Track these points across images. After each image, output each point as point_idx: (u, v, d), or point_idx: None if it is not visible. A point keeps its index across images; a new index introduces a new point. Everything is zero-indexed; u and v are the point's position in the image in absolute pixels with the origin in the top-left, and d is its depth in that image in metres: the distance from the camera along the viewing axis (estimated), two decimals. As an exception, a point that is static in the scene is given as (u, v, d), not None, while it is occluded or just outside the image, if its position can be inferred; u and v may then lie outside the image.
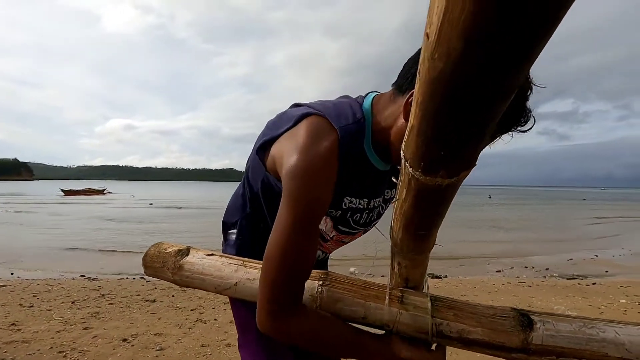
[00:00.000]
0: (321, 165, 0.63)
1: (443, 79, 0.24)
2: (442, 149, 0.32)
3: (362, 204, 0.79)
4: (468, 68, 0.22)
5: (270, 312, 0.64)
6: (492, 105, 0.26)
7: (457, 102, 0.26)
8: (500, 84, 0.23)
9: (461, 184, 0.42)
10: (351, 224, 0.81)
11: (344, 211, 0.77)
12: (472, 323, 0.66)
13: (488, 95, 0.24)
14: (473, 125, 0.28)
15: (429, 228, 0.50)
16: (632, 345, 0.59)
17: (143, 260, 0.89)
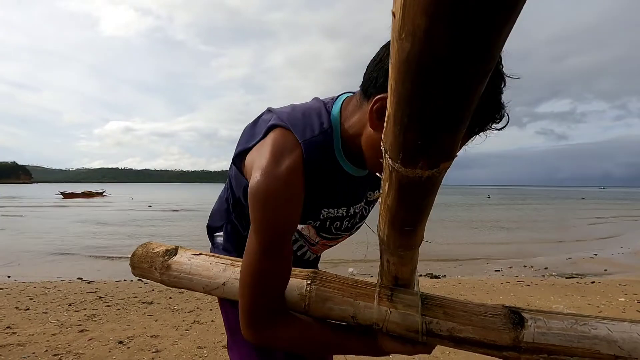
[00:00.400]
0: (283, 188, 0.62)
1: (412, 60, 0.23)
2: (419, 138, 0.31)
3: (341, 212, 0.78)
4: (435, 47, 0.21)
5: (250, 326, 0.67)
6: (466, 88, 0.25)
7: (428, 85, 0.25)
8: (470, 65, 0.22)
9: (443, 178, 0.41)
10: (332, 231, 0.81)
11: (322, 221, 0.77)
12: (463, 321, 0.64)
13: (459, 78, 0.23)
14: (448, 111, 0.27)
15: (414, 223, 0.49)
16: (624, 342, 0.58)
17: (130, 260, 0.87)
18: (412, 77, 0.25)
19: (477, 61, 0.22)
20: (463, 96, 0.26)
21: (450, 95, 0.25)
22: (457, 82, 0.24)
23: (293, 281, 0.73)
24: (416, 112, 0.28)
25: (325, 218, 0.76)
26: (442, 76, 0.23)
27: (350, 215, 0.80)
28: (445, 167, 0.36)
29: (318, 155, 0.66)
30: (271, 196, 0.61)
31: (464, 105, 0.27)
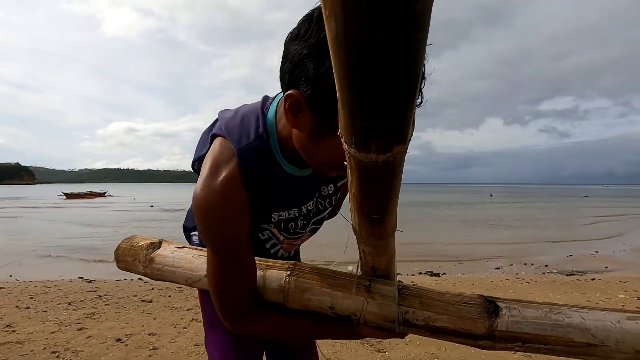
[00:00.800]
0: (221, 201, 0.62)
1: (340, 39, 0.24)
2: (366, 120, 0.31)
3: (293, 213, 0.77)
4: (355, 22, 0.21)
5: (226, 321, 0.71)
6: (398, 66, 0.25)
7: (360, 63, 0.25)
8: (394, 41, 0.23)
9: (402, 164, 0.41)
10: (290, 231, 0.80)
11: (276, 224, 0.76)
12: (439, 310, 0.65)
13: (388, 55, 0.24)
14: (387, 89, 0.27)
15: (381, 211, 0.49)
16: (597, 330, 0.59)
17: (115, 254, 0.88)
18: (344, 56, 0.25)
19: (405, 31, 0.22)
20: (397, 73, 0.26)
21: (384, 72, 0.26)
22: (386, 59, 0.24)
23: (273, 273, 0.74)
24: (356, 93, 0.29)
25: (278, 221, 0.76)
26: (371, 54, 0.24)
27: (304, 215, 0.78)
28: (399, 151, 0.36)
29: (254, 162, 0.65)
30: (210, 209, 0.62)
31: (402, 82, 0.27)
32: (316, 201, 0.80)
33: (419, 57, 0.26)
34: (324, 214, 0.85)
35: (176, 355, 2.51)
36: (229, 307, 0.70)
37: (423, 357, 2.48)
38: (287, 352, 0.99)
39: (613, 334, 0.58)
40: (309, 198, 0.77)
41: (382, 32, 0.22)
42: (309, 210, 0.79)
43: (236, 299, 0.70)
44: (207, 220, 0.63)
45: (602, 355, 0.58)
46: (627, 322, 0.59)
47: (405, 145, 0.36)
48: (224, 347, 0.85)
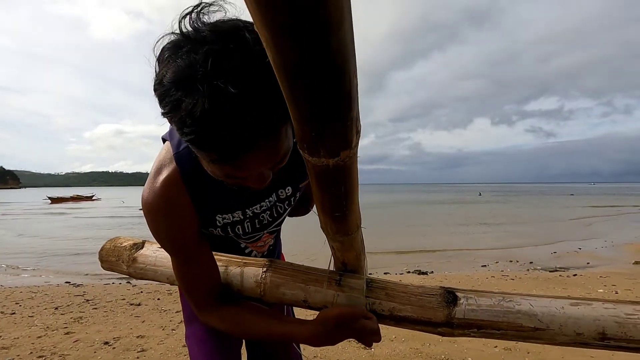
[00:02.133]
0: (161, 202, 0.64)
1: (277, 65, 0.28)
2: (311, 130, 0.36)
3: (237, 216, 0.75)
4: (283, 53, 0.26)
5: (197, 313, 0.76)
6: (328, 86, 0.30)
7: (297, 85, 0.30)
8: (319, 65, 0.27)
9: (354, 166, 0.46)
10: (241, 235, 0.80)
11: (223, 227, 0.76)
12: (402, 301, 0.70)
13: (319, 78, 0.28)
14: (323, 104, 0.32)
15: (342, 209, 0.54)
16: (543, 316, 0.64)
17: (99, 254, 0.91)
18: (282, 79, 0.30)
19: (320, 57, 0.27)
20: (329, 90, 0.31)
21: (317, 91, 0.30)
22: (315, 78, 0.29)
23: (250, 269, 0.78)
24: (300, 107, 0.33)
25: (223, 224, 0.75)
26: (302, 75, 0.28)
27: (250, 217, 0.77)
28: (347, 155, 0.41)
29: (191, 165, 0.65)
30: (154, 210, 0.65)
31: (334, 98, 0.32)
32: (274, 204, 0.79)
33: (345, 78, 0.31)
34: (283, 216, 0.84)
35: (164, 356, 2.52)
36: (196, 302, 0.74)
37: (408, 352, 2.54)
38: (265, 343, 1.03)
39: (557, 318, 0.64)
40: (256, 201, 0.76)
41: (309, 61, 0.27)
42: (256, 214, 0.77)
43: (200, 295, 0.73)
44: (154, 221, 0.66)
45: (547, 338, 0.64)
46: (570, 307, 0.65)
47: (351, 150, 0.41)
48: (201, 338, 0.88)
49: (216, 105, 0.42)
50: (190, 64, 0.42)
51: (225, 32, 0.44)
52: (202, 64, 0.42)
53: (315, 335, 0.68)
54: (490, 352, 2.54)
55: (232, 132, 0.44)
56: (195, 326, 0.89)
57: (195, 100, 0.42)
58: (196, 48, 0.43)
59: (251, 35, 0.43)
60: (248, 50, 0.43)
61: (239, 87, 0.41)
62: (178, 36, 0.46)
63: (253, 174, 0.53)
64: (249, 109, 0.43)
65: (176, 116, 0.44)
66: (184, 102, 0.42)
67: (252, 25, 0.44)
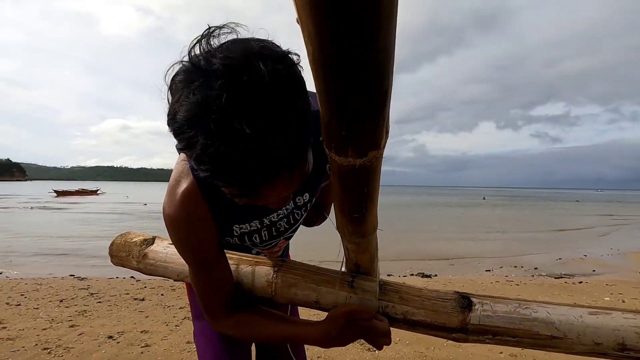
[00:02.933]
0: (181, 214, 0.65)
1: (317, 60, 0.28)
2: (343, 128, 0.35)
3: (255, 225, 0.75)
4: (326, 45, 0.25)
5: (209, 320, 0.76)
6: (367, 80, 0.29)
7: (335, 80, 0.29)
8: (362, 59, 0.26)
9: (379, 168, 0.45)
10: (258, 244, 0.80)
11: (240, 237, 0.76)
12: (416, 305, 0.69)
13: (357, 71, 0.28)
14: (359, 102, 0.32)
15: (361, 211, 0.53)
16: (561, 324, 0.63)
17: (109, 249, 0.91)
18: (321, 74, 0.29)
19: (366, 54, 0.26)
20: (367, 87, 0.30)
21: (355, 87, 0.30)
22: (356, 75, 0.28)
23: (262, 269, 0.78)
24: (334, 106, 0.33)
25: (241, 234, 0.75)
26: (344, 73, 0.28)
27: (267, 226, 0.77)
28: (374, 156, 0.40)
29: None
30: (174, 223, 0.66)
31: (372, 96, 0.31)
32: (292, 211, 0.78)
33: (386, 76, 0.30)
34: (300, 222, 0.84)
35: (168, 352, 2.53)
36: (210, 310, 0.74)
37: (412, 355, 2.53)
38: None
39: (575, 327, 0.63)
40: (273, 210, 0.75)
41: (354, 57, 0.26)
42: (273, 222, 0.77)
43: (214, 305, 0.74)
44: (175, 233, 0.67)
45: (564, 347, 0.63)
46: (588, 316, 0.63)
47: (379, 150, 0.40)
48: (210, 337, 0.89)
49: (232, 146, 0.41)
50: (204, 102, 0.41)
51: (237, 64, 0.41)
52: (215, 102, 0.40)
53: (326, 335, 0.68)
54: (496, 357, 2.52)
55: (250, 170, 0.43)
56: (204, 323, 0.89)
57: (210, 141, 0.41)
58: (209, 82, 0.41)
59: (265, 64, 0.41)
60: (262, 83, 0.40)
61: (255, 126, 0.40)
62: (189, 65, 0.44)
63: (274, 200, 0.54)
64: (266, 148, 0.42)
65: (193, 154, 0.44)
66: (199, 142, 0.42)
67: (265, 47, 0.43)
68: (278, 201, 0.55)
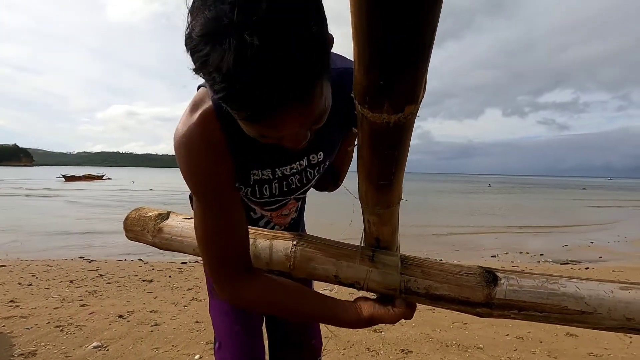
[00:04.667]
0: (198, 134, 0.60)
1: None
2: (381, 77, 0.33)
3: (267, 174, 0.72)
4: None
5: (217, 285, 0.68)
6: (414, 19, 0.26)
7: (380, 18, 0.26)
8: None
9: (412, 127, 0.43)
10: (267, 198, 0.77)
11: (253, 187, 0.73)
12: (439, 279, 0.67)
13: (405, 7, 0.25)
14: (404, 44, 0.29)
15: (389, 177, 0.51)
16: (590, 299, 0.61)
17: (124, 223, 0.90)
18: (365, 10, 0.26)
19: None
20: (415, 28, 0.27)
21: (403, 27, 0.27)
22: (408, 11, 0.25)
23: (280, 242, 0.76)
24: (374, 50, 0.30)
25: (254, 182, 0.72)
26: (392, 5, 0.25)
27: (279, 178, 0.74)
28: (410, 111, 0.38)
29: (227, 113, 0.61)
30: (187, 143, 0.61)
31: (418, 38, 0.28)
32: (305, 169, 0.76)
33: (435, 10, 0.27)
34: (311, 182, 0.81)
35: (177, 331, 2.57)
36: (217, 264, 0.67)
37: (418, 337, 2.55)
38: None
39: (606, 302, 0.61)
40: (286, 162, 0.73)
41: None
42: (285, 175, 0.74)
43: (224, 256, 0.66)
44: (187, 156, 0.61)
45: (593, 322, 0.61)
46: (619, 291, 0.61)
47: (416, 105, 0.38)
48: (223, 309, 0.89)
49: (242, 59, 0.39)
50: (217, 16, 0.39)
51: None
52: (228, 14, 0.39)
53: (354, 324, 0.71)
54: (502, 339, 2.53)
55: (261, 88, 0.41)
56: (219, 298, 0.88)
57: (222, 55, 0.39)
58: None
59: None
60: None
61: (266, 38, 0.38)
62: None
63: (287, 134, 0.50)
64: (277, 63, 0.39)
65: (206, 72, 0.42)
66: (211, 58, 0.40)
67: None
68: (293, 138, 0.51)
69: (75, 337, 2.42)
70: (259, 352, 0.91)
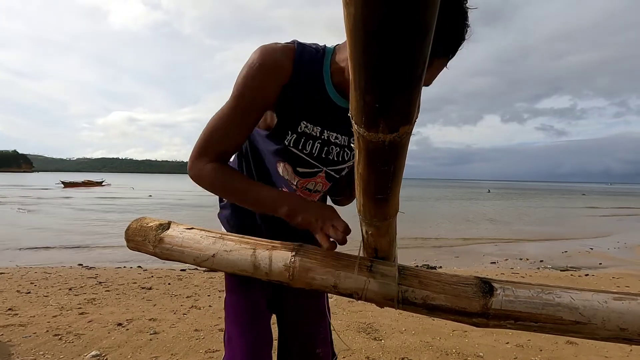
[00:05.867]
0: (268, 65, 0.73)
1: (358, 25, 0.26)
2: (377, 101, 0.34)
3: (316, 131, 0.83)
4: (372, 9, 0.24)
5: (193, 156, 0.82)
6: (409, 49, 0.28)
7: (376, 47, 0.28)
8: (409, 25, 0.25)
9: (407, 145, 0.44)
10: (305, 158, 0.86)
11: (298, 135, 0.83)
12: (436, 290, 0.68)
13: (402, 38, 0.26)
14: (398, 72, 0.30)
15: (386, 191, 0.52)
16: (585, 309, 0.62)
17: (125, 233, 0.91)
18: (361, 40, 0.28)
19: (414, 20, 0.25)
20: (408, 57, 0.29)
21: (397, 56, 0.28)
22: (400, 43, 0.27)
23: (279, 253, 0.77)
24: (370, 74, 0.32)
25: (302, 132, 0.82)
26: (386, 38, 0.26)
27: (323, 140, 0.85)
28: (405, 132, 0.39)
29: (308, 59, 0.77)
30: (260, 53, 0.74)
31: (411, 66, 0.30)
32: (346, 146, 0.87)
33: (425, 44, 0.29)
34: (344, 165, 0.92)
35: (176, 339, 2.56)
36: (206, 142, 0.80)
37: (418, 345, 2.54)
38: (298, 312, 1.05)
39: (600, 312, 0.62)
40: (335, 128, 0.84)
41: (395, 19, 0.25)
42: (329, 141, 0.85)
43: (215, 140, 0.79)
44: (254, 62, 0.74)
45: (588, 332, 0.62)
46: (613, 302, 0.62)
47: (410, 126, 0.39)
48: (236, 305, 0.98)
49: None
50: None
51: None
52: None
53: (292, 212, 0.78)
54: (502, 348, 2.52)
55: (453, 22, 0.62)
56: (235, 297, 0.98)
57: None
58: None
59: None
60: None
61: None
62: None
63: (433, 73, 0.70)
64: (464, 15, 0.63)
65: None
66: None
67: None
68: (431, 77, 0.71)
69: (74, 345, 2.41)
70: (267, 347, 0.96)
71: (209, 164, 0.80)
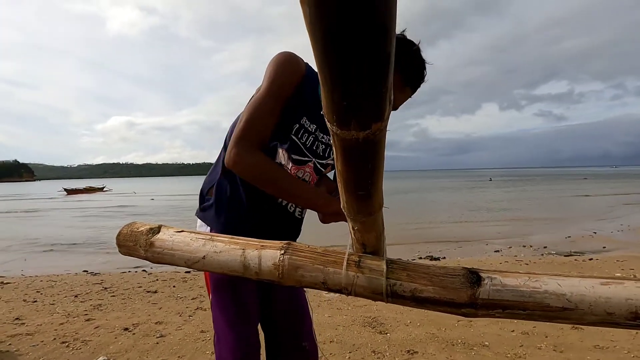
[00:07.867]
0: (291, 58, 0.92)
1: (314, 23, 0.26)
2: (344, 98, 0.34)
3: (312, 128, 0.99)
4: (323, 7, 0.24)
5: (236, 145, 0.91)
6: (368, 46, 0.28)
7: (334, 45, 0.28)
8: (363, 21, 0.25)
9: (383, 141, 0.44)
10: (300, 147, 0.99)
11: (299, 127, 0.98)
12: (424, 282, 0.68)
13: (358, 37, 0.26)
14: (360, 69, 0.30)
15: (366, 187, 0.52)
16: (572, 295, 0.62)
17: (117, 239, 0.92)
18: (318, 38, 0.28)
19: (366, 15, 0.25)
20: (370, 54, 0.29)
21: (357, 53, 0.28)
22: (357, 40, 0.27)
23: (268, 252, 0.78)
24: (334, 72, 0.31)
25: (301, 126, 0.98)
26: (342, 35, 0.26)
27: (315, 136, 1.01)
28: (377, 128, 0.39)
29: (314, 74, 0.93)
30: (282, 54, 0.93)
31: (373, 64, 0.30)
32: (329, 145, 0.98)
33: (384, 41, 0.29)
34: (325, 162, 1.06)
35: (183, 342, 2.58)
36: (248, 134, 0.91)
37: (423, 337, 2.55)
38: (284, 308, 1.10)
39: (587, 298, 0.62)
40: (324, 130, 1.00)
41: (350, 17, 0.25)
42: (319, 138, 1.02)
43: (256, 131, 0.91)
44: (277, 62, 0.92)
45: (575, 318, 0.62)
46: (600, 287, 0.62)
47: (383, 122, 0.39)
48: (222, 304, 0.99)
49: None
50: None
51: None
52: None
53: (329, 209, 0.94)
54: (508, 336, 2.53)
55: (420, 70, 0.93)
56: (219, 295, 1.00)
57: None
58: None
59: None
60: None
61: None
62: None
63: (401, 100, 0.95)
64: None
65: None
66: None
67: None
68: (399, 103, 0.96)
69: (81, 352, 2.43)
70: (255, 342, 0.99)
71: (256, 156, 0.90)
